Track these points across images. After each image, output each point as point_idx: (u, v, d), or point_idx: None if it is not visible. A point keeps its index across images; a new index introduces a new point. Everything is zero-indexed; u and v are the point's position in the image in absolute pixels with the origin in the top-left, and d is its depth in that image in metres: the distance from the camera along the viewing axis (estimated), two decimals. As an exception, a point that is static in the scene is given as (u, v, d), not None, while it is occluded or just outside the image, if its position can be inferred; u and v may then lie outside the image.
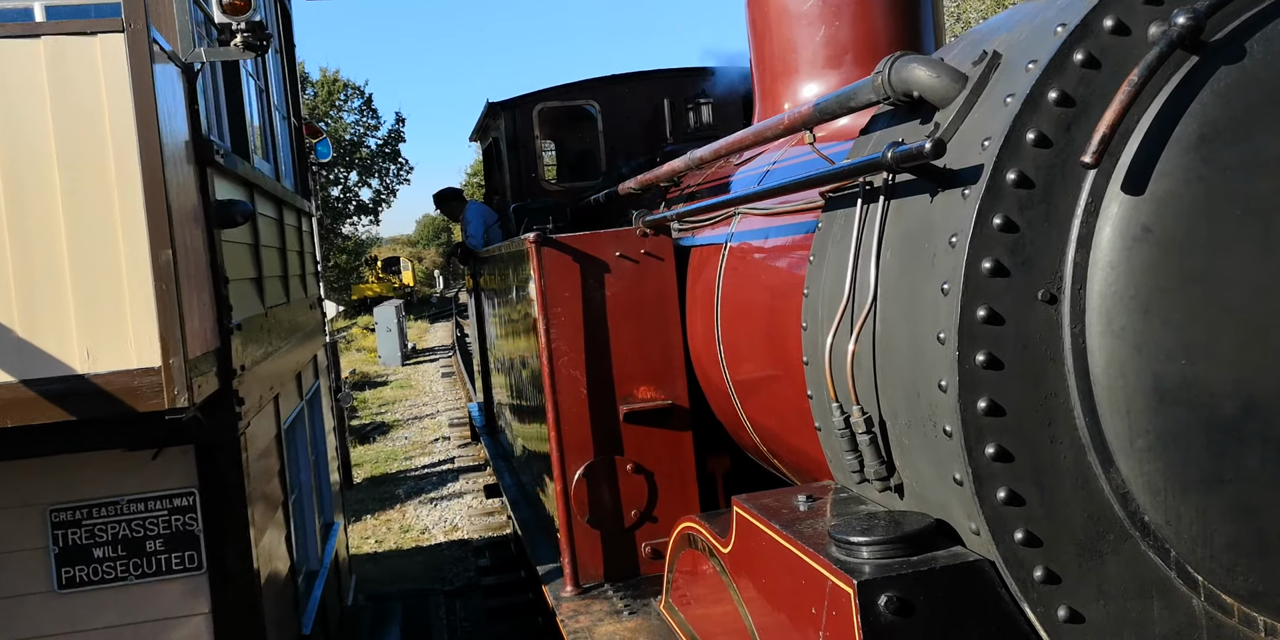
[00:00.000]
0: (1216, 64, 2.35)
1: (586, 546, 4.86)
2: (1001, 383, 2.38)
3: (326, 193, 50.21)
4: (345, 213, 53.82)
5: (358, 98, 53.50)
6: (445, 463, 16.20)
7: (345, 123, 52.59)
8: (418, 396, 23.69)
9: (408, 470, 16.10)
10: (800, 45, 4.51)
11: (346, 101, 52.88)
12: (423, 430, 19.38)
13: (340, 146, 51.61)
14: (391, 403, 23.01)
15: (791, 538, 2.75)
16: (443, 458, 16.61)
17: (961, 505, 2.48)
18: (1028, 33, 2.49)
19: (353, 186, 54.62)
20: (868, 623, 2.35)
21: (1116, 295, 2.35)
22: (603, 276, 4.84)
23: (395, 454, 17.27)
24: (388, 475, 15.84)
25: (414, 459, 16.79)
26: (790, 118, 3.37)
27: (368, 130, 54.29)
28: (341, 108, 52.80)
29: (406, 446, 17.86)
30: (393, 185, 56.25)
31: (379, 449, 17.79)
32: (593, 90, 8.91)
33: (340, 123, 52.08)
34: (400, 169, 56.06)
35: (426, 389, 24.63)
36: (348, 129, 52.55)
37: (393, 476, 15.73)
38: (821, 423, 3.13)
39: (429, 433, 19.01)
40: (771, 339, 3.93)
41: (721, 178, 5.14)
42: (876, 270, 2.74)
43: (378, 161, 54.83)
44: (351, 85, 52.67)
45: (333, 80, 51.53)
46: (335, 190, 52.49)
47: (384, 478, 15.68)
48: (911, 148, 2.47)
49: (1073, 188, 2.36)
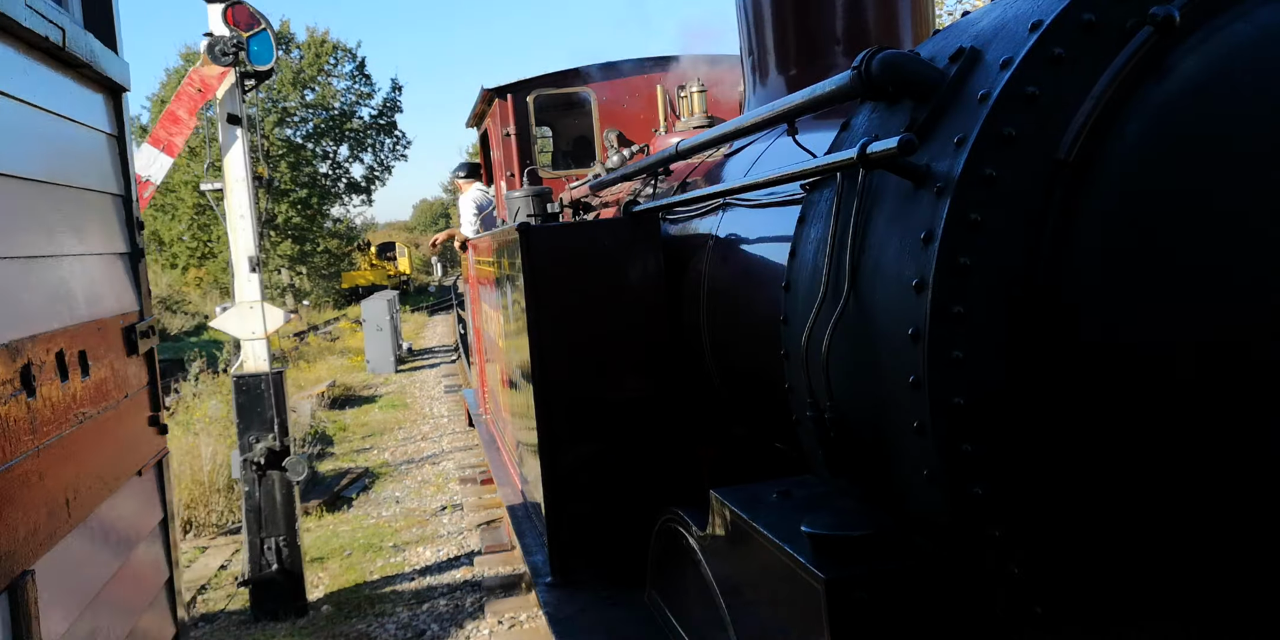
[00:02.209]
0: (1192, 59, 2.33)
1: (571, 535, 4.87)
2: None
3: (313, 169, 47.05)
4: (334, 191, 49.42)
5: (349, 62, 48.47)
6: (460, 562, 9.33)
7: (335, 89, 47.81)
8: (414, 423, 17.03)
9: (397, 575, 9.17)
10: (789, 35, 4.50)
11: (336, 66, 47.96)
12: (421, 485, 12.42)
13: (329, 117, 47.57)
14: (379, 432, 16.34)
15: (764, 533, 2.75)
16: (455, 549, 9.74)
17: (933, 501, 2.48)
18: (1004, 29, 2.48)
19: (343, 162, 49.79)
20: (837, 618, 2.36)
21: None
22: (590, 266, 4.84)
23: (380, 534, 10.50)
24: (364, 588, 8.90)
25: (408, 551, 9.85)
26: (771, 111, 3.36)
27: (360, 98, 49.10)
28: (330, 73, 47.90)
29: (397, 517, 11.12)
30: (387, 161, 50.98)
31: (356, 522, 11.07)
32: (588, 77, 8.92)
33: (329, 89, 47.48)
34: (397, 143, 50.85)
35: (426, 410, 18.42)
36: (338, 97, 47.90)
37: (374, 593, 8.75)
38: (799, 416, 3.13)
39: (431, 491, 12.10)
40: (755, 331, 3.93)
41: (711, 166, 5.13)
42: (852, 265, 2.73)
43: (371, 134, 49.77)
44: (342, 47, 47.88)
45: (320, 42, 46.96)
46: (323, 166, 48.50)
47: (358, 596, 8.69)
48: (885, 144, 2.46)
49: (1047, 186, 2.35)
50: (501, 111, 8.93)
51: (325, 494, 11.92)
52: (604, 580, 4.74)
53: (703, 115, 6.72)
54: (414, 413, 18.23)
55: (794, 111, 3.18)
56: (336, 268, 50.70)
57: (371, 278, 53.34)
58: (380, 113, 49.79)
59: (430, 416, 17.64)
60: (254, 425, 8.19)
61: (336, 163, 49.26)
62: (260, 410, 8.17)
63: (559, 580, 4.81)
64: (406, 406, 19.02)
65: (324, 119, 47.53)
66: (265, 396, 8.18)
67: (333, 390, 19.75)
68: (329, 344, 30.01)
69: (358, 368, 24.48)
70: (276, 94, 44.83)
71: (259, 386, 8.17)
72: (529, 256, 4.78)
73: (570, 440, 4.85)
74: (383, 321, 23.73)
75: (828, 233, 2.85)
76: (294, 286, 47.19)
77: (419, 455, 14.25)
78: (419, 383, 22.33)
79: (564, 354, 4.83)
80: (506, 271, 5.82)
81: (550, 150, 10.37)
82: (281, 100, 45.47)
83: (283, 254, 44.59)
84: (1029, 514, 2.41)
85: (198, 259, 45.45)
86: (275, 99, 44.85)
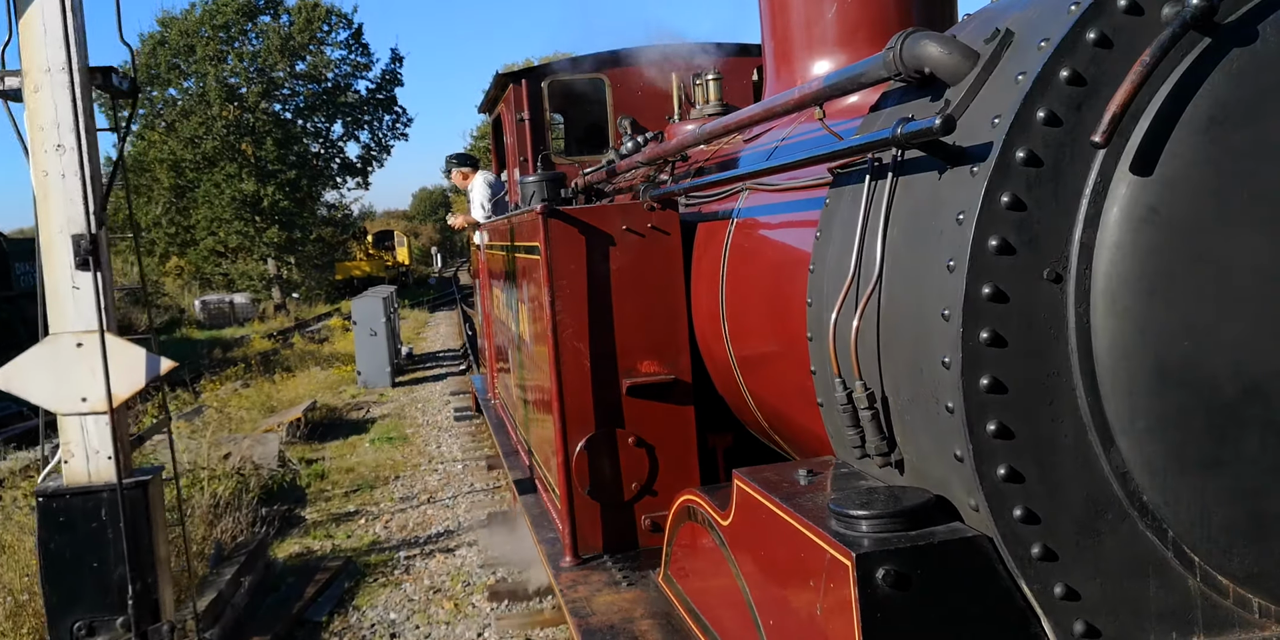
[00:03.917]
0: (1229, 46, 2.35)
1: (586, 518, 4.89)
2: (1005, 360, 2.39)
3: (304, 147, 43.02)
4: (327, 173, 44.85)
5: (344, 28, 43.55)
6: None
7: (328, 58, 43.25)
8: (417, 470, 12.18)
9: None
10: (812, 22, 4.50)
11: (330, 33, 43.17)
12: (430, 597, 7.71)
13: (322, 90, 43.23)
14: (370, 484, 11.57)
15: (791, 511, 2.77)
16: None
17: (961, 482, 2.50)
18: (1041, 11, 2.49)
19: (336, 141, 45.01)
20: (865, 595, 2.37)
21: (1122, 276, 2.35)
22: (609, 249, 4.85)
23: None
24: None
25: None
26: (800, 93, 3.37)
27: (356, 70, 44.41)
28: (324, 41, 43.07)
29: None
30: (386, 140, 45.96)
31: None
32: (602, 64, 8.91)
33: (321, 58, 42.96)
34: (396, 120, 45.87)
35: (432, 447, 13.46)
36: (331, 67, 43.43)
37: None
38: (824, 399, 3.14)
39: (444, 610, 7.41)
40: (776, 315, 3.94)
41: (730, 153, 5.13)
42: (883, 246, 2.74)
43: (368, 109, 45.03)
44: (337, 12, 43.13)
45: (313, 5, 42.30)
46: (314, 145, 44.17)
47: None
48: (921, 124, 2.47)
49: (1081, 167, 2.37)
50: (515, 97, 8.93)
51: (279, 618, 7.19)
52: (621, 562, 4.77)
53: (717, 103, 6.71)
54: (416, 450, 13.35)
55: (824, 94, 3.19)
56: (330, 258, 46.93)
57: (367, 269, 49.94)
58: (378, 86, 45.43)
59: (438, 458, 12.68)
60: (82, 598, 4.42)
61: (330, 141, 45.04)
62: (97, 566, 4.40)
63: (575, 562, 4.83)
64: (406, 440, 14.04)
65: (316, 92, 43.57)
66: (106, 538, 4.42)
67: (313, 413, 15.18)
68: (315, 347, 25.96)
69: (347, 379, 20.00)
70: (263, 62, 41.17)
71: (93, 515, 4.42)
72: (550, 238, 4.79)
73: (586, 423, 4.87)
74: (377, 323, 19.24)
75: (858, 214, 2.86)
76: (281, 277, 43.14)
77: (425, 531, 9.51)
78: (421, 402, 17.34)
79: (581, 337, 4.84)
80: (523, 255, 5.83)
81: (563, 137, 10.36)
82: (269, 69, 41.44)
83: (269, 241, 41.09)
84: (1055, 495, 2.42)
85: (178, 246, 42.42)
86: (261, 67, 41.28)
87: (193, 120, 39.57)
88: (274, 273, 42.95)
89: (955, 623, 2.42)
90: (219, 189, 40.24)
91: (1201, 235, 2.36)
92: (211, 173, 40.45)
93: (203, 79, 39.96)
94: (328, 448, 13.77)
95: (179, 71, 40.43)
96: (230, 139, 40.24)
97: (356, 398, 18.24)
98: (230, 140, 40.28)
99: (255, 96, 41.01)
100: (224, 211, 40.37)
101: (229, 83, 40.56)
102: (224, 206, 40.28)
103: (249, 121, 41.02)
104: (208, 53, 39.96)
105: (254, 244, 41.46)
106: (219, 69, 40.06)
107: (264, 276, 42.91)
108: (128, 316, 34.54)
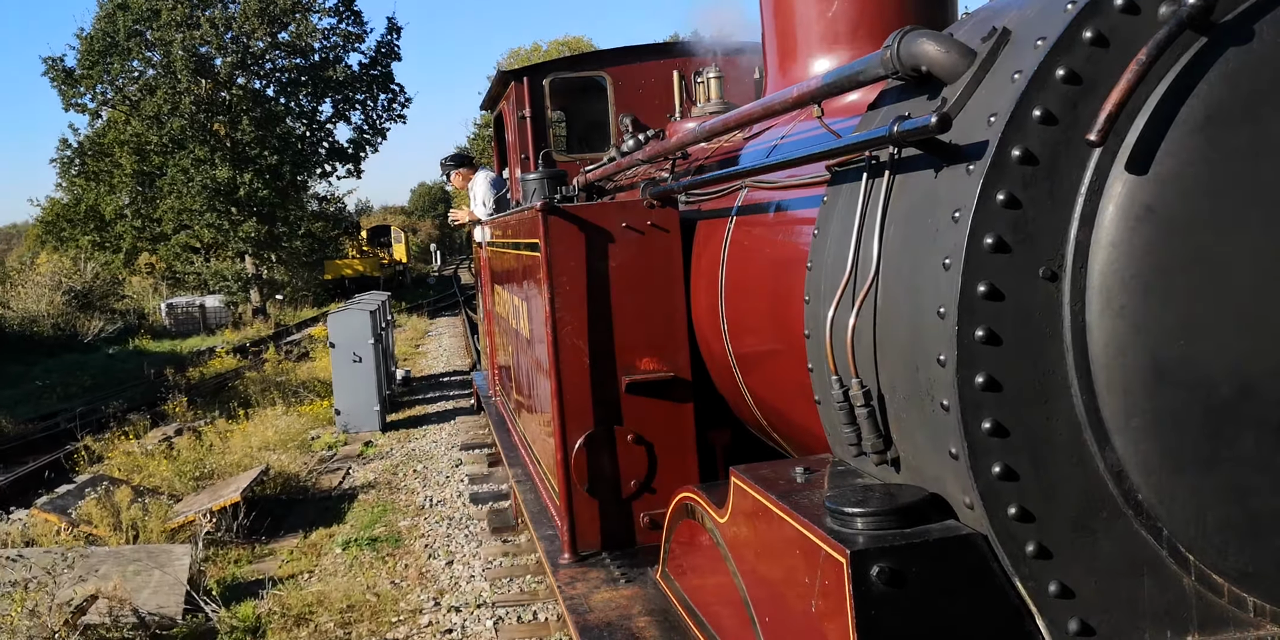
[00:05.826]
0: (1225, 45, 2.35)
1: (585, 515, 4.90)
2: (1000, 358, 2.39)
3: (287, 129, 37.50)
4: (314, 159, 39.16)
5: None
6: None
7: (314, 27, 37.38)
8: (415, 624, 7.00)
9: None
10: (811, 20, 4.51)
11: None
12: None
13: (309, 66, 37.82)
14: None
15: (787, 508, 2.77)
16: None
17: (956, 479, 2.50)
18: (1038, 10, 2.49)
19: (325, 122, 39.40)
20: (860, 592, 2.38)
21: (1117, 274, 2.36)
22: (608, 247, 4.85)
23: None
24: None
25: None
26: (799, 91, 3.37)
27: (347, 41, 38.49)
28: (310, 7, 37.19)
29: None
30: (380, 122, 40.28)
31: None
32: (604, 62, 8.92)
33: (307, 26, 37.07)
34: (393, 100, 40.22)
35: (438, 564, 8.33)
36: (318, 37, 37.61)
37: None
38: (821, 396, 3.15)
39: None
40: (774, 313, 3.95)
41: (729, 151, 5.14)
42: (879, 244, 2.75)
43: (360, 87, 39.35)
44: None
45: None
46: (299, 126, 38.63)
47: None
48: (918, 122, 2.48)
49: (1077, 166, 2.37)
50: (517, 94, 8.93)
51: None
52: (619, 559, 4.78)
53: (719, 101, 6.71)
54: (413, 566, 8.33)
55: (823, 92, 3.19)
56: (318, 255, 41.52)
57: (360, 267, 45.15)
58: (373, 60, 39.61)
59: (450, 589, 7.71)
60: None
61: (317, 122, 39.18)
62: None
63: (573, 559, 4.84)
64: (398, 542, 9.05)
65: (301, 66, 38.07)
66: None
67: (262, 488, 10.55)
68: (290, 366, 21.02)
69: (323, 419, 15.09)
70: (239, 29, 35.64)
71: None
72: (549, 235, 4.79)
73: (585, 420, 4.87)
74: (363, 346, 14.22)
75: (855, 212, 2.87)
76: (261, 277, 38.35)
77: None
78: (421, 460, 12.47)
79: (580, 334, 4.85)
80: (524, 252, 5.83)
81: (564, 134, 10.37)
82: (245, 37, 35.95)
83: (245, 236, 35.89)
84: (1050, 493, 2.43)
85: (147, 241, 37.76)
86: (237, 35, 35.80)
87: (158, 96, 34.40)
88: (252, 272, 38.17)
89: (949, 620, 2.42)
90: (187, 176, 35.04)
91: (1197, 234, 2.36)
92: (179, 157, 35.16)
93: (168, 47, 34.27)
94: (276, 554, 9.05)
95: (142, 40, 35.04)
96: (200, 118, 34.99)
97: (333, 449, 13.58)
98: (200, 119, 35.02)
99: (229, 67, 36.05)
100: (194, 201, 35.19)
101: (199, 52, 35.03)
102: (193, 196, 35.07)
103: (223, 99, 35.87)
104: (174, 17, 34.31)
105: (228, 239, 36.57)
106: (188, 36, 34.37)
107: (240, 276, 37.75)
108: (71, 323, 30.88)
